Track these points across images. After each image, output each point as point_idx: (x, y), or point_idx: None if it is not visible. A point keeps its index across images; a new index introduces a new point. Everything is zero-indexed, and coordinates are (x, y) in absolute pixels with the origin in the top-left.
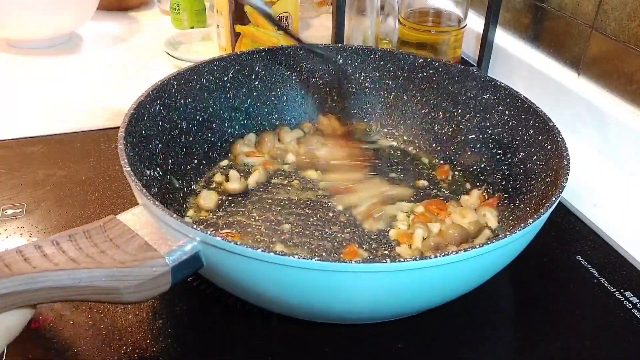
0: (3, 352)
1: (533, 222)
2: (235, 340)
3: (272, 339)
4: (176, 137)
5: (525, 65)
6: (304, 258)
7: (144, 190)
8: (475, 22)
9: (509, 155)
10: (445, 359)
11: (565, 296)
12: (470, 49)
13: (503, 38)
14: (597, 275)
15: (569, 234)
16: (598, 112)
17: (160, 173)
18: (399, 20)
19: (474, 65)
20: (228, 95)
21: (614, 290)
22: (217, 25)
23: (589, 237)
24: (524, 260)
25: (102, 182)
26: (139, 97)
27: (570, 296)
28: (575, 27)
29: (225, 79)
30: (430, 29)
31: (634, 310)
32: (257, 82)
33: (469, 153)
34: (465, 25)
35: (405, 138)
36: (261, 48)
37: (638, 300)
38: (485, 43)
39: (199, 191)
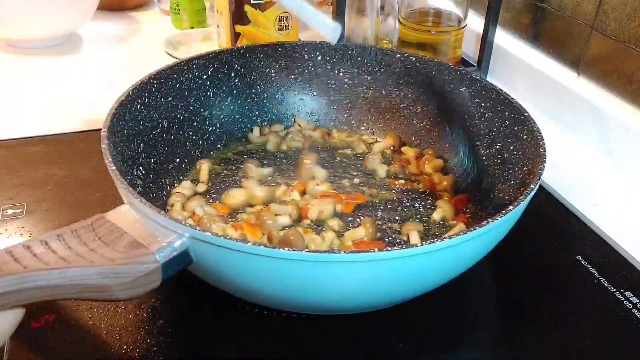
0: (4, 352)
1: (513, 208)
2: (234, 338)
3: (267, 335)
4: (157, 136)
5: (525, 65)
6: (293, 250)
7: (130, 188)
8: (475, 22)
9: (486, 147)
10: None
11: (565, 296)
12: (470, 49)
13: (503, 38)
14: (597, 275)
15: (569, 234)
16: (598, 112)
17: (143, 172)
18: (399, 20)
19: (474, 65)
20: (208, 93)
21: (614, 290)
22: (217, 25)
23: (589, 237)
24: (524, 260)
25: (102, 182)
26: (120, 96)
27: (570, 296)
28: (575, 27)
29: (205, 77)
30: (430, 29)
31: (634, 310)
32: (236, 80)
33: (447, 145)
34: (465, 25)
35: (384, 133)
36: (239, 46)
37: (638, 300)
38: (485, 43)
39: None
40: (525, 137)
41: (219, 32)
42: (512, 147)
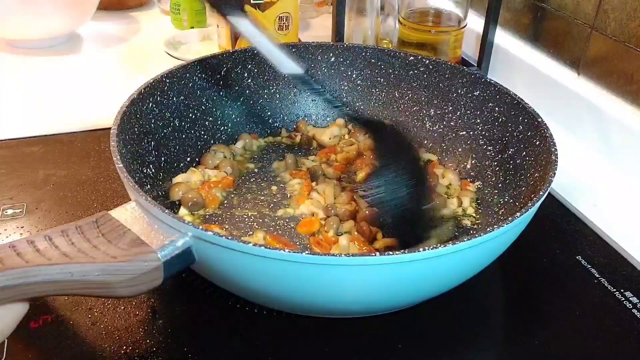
0: (3, 352)
1: (521, 215)
2: (235, 338)
3: (267, 336)
4: (169, 134)
5: (525, 65)
6: (294, 252)
7: (136, 185)
8: (475, 22)
9: (498, 152)
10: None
11: (565, 296)
12: (470, 49)
13: (503, 38)
14: (597, 275)
15: (569, 234)
16: (598, 112)
17: (153, 170)
18: (399, 20)
19: (474, 65)
20: (220, 93)
21: (614, 290)
22: (217, 25)
23: (589, 237)
24: (524, 260)
25: (102, 182)
26: (131, 94)
27: (570, 296)
28: (575, 27)
29: (218, 77)
30: (430, 29)
31: (634, 310)
32: (249, 80)
33: (460, 149)
34: (465, 25)
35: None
36: (252, 46)
37: (638, 300)
38: (485, 43)
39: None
40: (538, 142)
41: (219, 32)
42: (524, 153)
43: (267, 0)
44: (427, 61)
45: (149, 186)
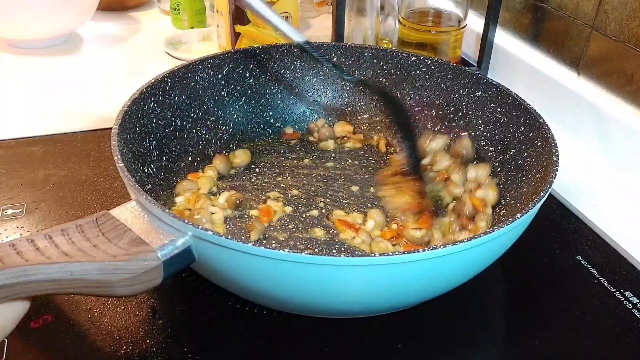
0: (3, 351)
1: (521, 216)
2: (235, 338)
3: (267, 336)
4: (170, 134)
5: (525, 65)
6: (293, 252)
7: (136, 185)
8: (475, 22)
9: (500, 152)
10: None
11: (565, 296)
12: (470, 49)
13: (503, 38)
14: (597, 275)
15: (569, 234)
16: (598, 112)
17: (155, 170)
18: (399, 20)
19: (474, 66)
20: (222, 92)
21: (614, 290)
22: (217, 25)
23: (589, 237)
24: (524, 260)
25: (102, 182)
26: (133, 94)
27: (570, 296)
28: (575, 27)
29: (220, 76)
30: (430, 29)
31: (634, 310)
32: (251, 80)
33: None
34: (465, 25)
35: (398, 135)
36: (255, 46)
37: (638, 300)
38: (485, 43)
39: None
40: (539, 143)
41: (219, 32)
42: (526, 154)
43: (267, 0)
44: (429, 62)
45: (149, 185)
